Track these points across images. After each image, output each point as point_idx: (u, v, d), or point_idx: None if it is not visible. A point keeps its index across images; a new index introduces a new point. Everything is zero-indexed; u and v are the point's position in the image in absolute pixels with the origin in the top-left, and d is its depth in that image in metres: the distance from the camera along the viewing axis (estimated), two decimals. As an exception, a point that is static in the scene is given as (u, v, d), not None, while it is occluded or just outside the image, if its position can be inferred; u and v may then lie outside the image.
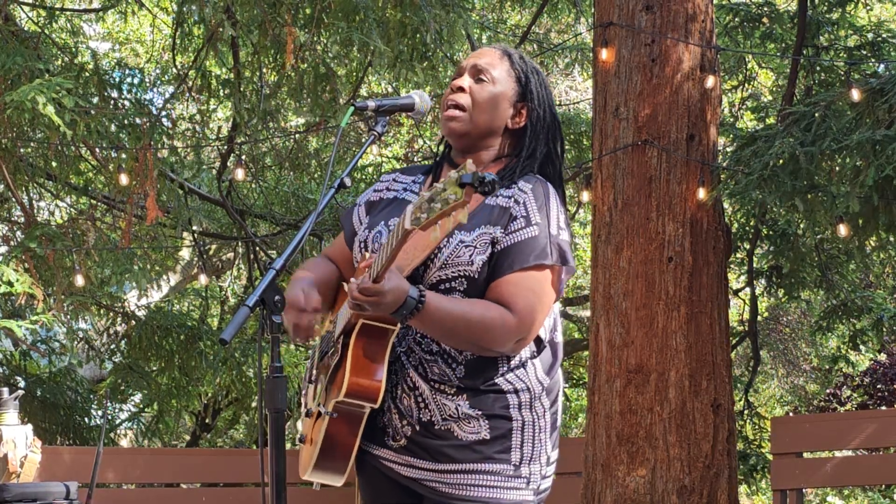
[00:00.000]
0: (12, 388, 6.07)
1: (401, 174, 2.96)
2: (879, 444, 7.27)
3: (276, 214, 9.73)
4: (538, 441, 2.74)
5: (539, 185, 2.76)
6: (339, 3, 7.05)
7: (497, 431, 2.69)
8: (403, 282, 2.55)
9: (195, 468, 7.33)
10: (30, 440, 5.27)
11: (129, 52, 13.37)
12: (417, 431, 2.70)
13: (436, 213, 2.32)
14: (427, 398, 2.69)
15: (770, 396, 14.17)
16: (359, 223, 2.91)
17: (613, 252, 6.31)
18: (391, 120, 3.89)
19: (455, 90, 2.81)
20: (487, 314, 2.62)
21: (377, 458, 2.76)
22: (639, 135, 6.34)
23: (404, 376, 2.70)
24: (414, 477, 2.72)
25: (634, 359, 6.16)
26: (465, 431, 2.69)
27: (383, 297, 2.51)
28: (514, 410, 2.71)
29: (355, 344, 2.62)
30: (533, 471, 2.73)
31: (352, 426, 2.66)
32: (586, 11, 9.71)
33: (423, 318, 2.58)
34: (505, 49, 2.90)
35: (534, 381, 2.74)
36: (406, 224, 2.38)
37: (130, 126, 7.39)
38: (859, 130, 5.87)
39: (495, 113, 2.81)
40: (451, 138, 2.83)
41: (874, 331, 8.67)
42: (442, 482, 2.70)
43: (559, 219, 2.74)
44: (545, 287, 2.69)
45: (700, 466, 6.07)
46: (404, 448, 2.72)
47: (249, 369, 9.19)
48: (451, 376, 2.69)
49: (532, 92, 2.84)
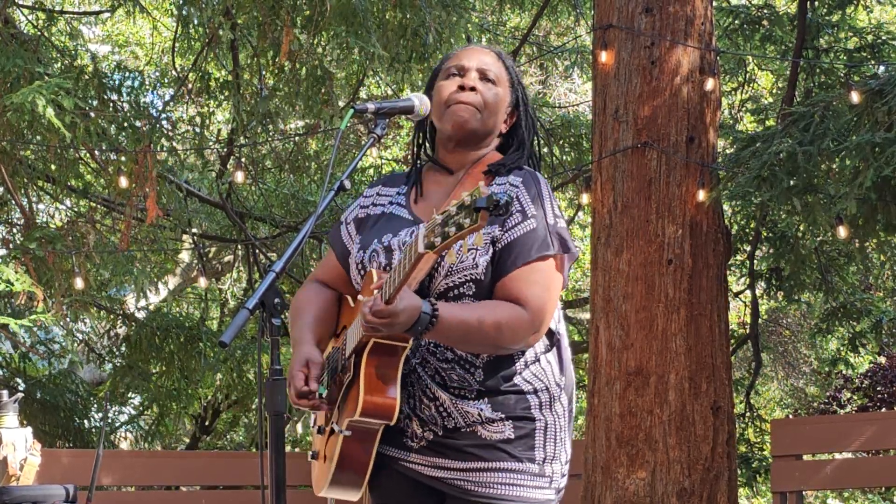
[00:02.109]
0: (12, 391, 6.06)
1: (383, 186, 2.96)
2: (879, 447, 7.27)
3: (275, 217, 9.73)
4: (559, 440, 2.77)
5: (528, 176, 2.78)
6: (338, 6, 7.05)
7: (521, 431, 2.71)
8: (415, 299, 2.55)
9: (195, 471, 7.33)
10: (29, 443, 5.27)
11: (129, 54, 13.38)
12: (440, 435, 2.71)
13: (451, 238, 2.33)
14: (448, 407, 2.70)
15: (770, 399, 14.17)
16: (350, 242, 2.90)
17: (613, 254, 6.31)
18: (391, 122, 3.88)
19: (468, 89, 2.83)
20: (499, 314, 2.63)
21: (396, 461, 2.76)
22: (638, 137, 6.34)
23: (423, 387, 2.71)
24: (439, 476, 2.72)
25: (634, 361, 6.16)
26: (489, 432, 2.70)
27: (397, 317, 2.52)
28: (535, 411, 2.73)
29: (367, 362, 2.62)
30: (555, 470, 2.76)
31: (367, 443, 2.68)
32: (586, 14, 9.72)
33: (438, 331, 2.59)
34: (499, 52, 2.94)
35: (552, 381, 2.76)
36: (420, 248, 2.38)
37: (130, 128, 7.39)
38: (859, 132, 5.87)
39: (498, 115, 2.86)
40: (457, 131, 2.83)
41: (873, 333, 8.67)
42: (468, 480, 2.70)
43: (553, 207, 2.76)
44: (551, 277, 2.71)
45: (700, 469, 6.07)
46: (427, 448, 2.72)
47: (249, 372, 9.19)
48: (470, 381, 2.70)
49: (521, 97, 2.91)
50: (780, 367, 13.26)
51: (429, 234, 2.37)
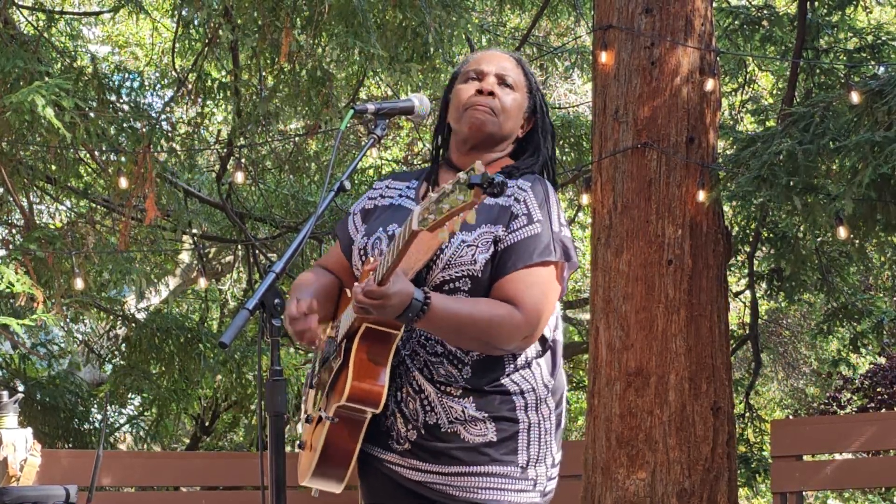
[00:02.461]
0: (12, 392, 6.06)
1: (393, 180, 2.97)
2: (879, 447, 7.27)
3: (275, 217, 9.73)
4: (544, 443, 2.75)
5: (538, 182, 2.78)
6: (337, 6, 7.05)
7: (504, 434, 2.70)
8: (408, 285, 2.54)
9: (195, 471, 7.32)
10: (29, 443, 5.27)
11: (129, 55, 13.37)
12: (423, 435, 2.70)
13: (444, 214, 2.32)
14: (433, 401, 2.69)
15: (770, 399, 14.17)
16: (355, 231, 2.90)
17: (613, 255, 6.31)
18: (391, 123, 3.89)
19: (486, 93, 2.84)
20: (494, 312, 2.62)
21: (381, 462, 2.75)
22: (638, 137, 6.34)
23: (409, 379, 2.70)
24: (420, 480, 2.71)
25: (634, 362, 6.16)
26: (471, 434, 2.69)
27: (388, 300, 2.51)
28: (520, 412, 2.71)
29: (358, 348, 2.61)
30: (539, 472, 2.74)
31: (353, 432, 2.66)
32: (586, 14, 9.72)
33: (430, 320, 2.58)
34: (518, 58, 2.97)
35: (539, 382, 2.75)
36: (414, 225, 2.38)
37: (130, 129, 7.39)
38: (858, 133, 5.87)
39: (516, 120, 2.88)
40: (474, 133, 2.84)
41: (874, 333, 8.67)
42: (449, 485, 2.69)
43: (560, 216, 2.76)
44: (550, 283, 2.70)
45: (700, 469, 6.07)
46: (409, 451, 2.71)
47: (249, 372, 9.18)
48: (457, 377, 2.69)
49: (539, 103, 2.92)
50: (780, 367, 13.27)
51: (423, 211, 2.36)
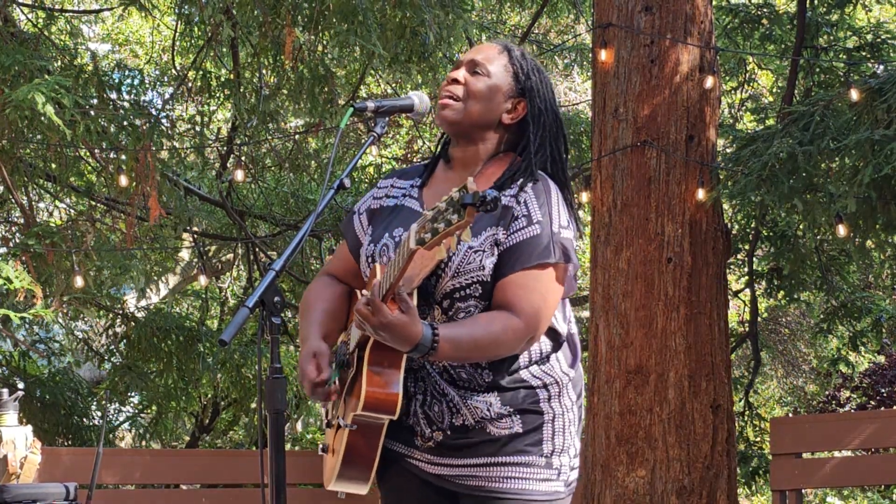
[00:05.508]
0: (12, 389, 6.06)
1: (398, 178, 2.94)
2: (879, 445, 7.28)
3: (275, 215, 9.73)
4: (567, 433, 2.76)
5: (541, 182, 2.75)
6: (338, 5, 7.05)
7: (529, 425, 2.71)
8: (417, 325, 2.54)
9: (195, 469, 7.32)
10: (29, 441, 5.26)
11: (129, 53, 13.37)
12: (448, 436, 2.71)
13: (439, 234, 2.35)
14: (458, 403, 2.70)
15: (769, 397, 14.17)
16: (362, 233, 2.89)
17: (613, 253, 6.31)
18: (390, 121, 3.88)
19: (450, 82, 2.81)
20: (494, 328, 2.63)
21: (404, 458, 2.76)
22: (638, 136, 6.34)
23: (432, 384, 2.71)
24: (444, 474, 2.72)
25: (634, 359, 6.17)
26: (497, 428, 2.70)
27: (386, 321, 2.50)
28: (543, 404, 2.73)
29: (370, 357, 2.63)
30: (563, 462, 2.75)
31: (371, 438, 2.68)
32: (586, 12, 9.72)
33: (437, 357, 2.60)
34: (506, 44, 2.90)
35: (559, 373, 2.76)
36: (411, 244, 2.41)
37: (130, 127, 7.39)
38: (858, 131, 5.87)
39: (489, 104, 2.79)
40: (443, 127, 2.83)
41: (873, 332, 8.67)
42: (474, 476, 2.70)
43: (561, 216, 2.73)
44: (549, 286, 2.69)
45: (699, 467, 6.07)
46: (433, 449, 2.73)
47: (249, 370, 9.18)
48: (478, 378, 2.70)
49: (532, 88, 2.82)
50: (779, 365, 13.27)
51: (420, 230, 2.38)
